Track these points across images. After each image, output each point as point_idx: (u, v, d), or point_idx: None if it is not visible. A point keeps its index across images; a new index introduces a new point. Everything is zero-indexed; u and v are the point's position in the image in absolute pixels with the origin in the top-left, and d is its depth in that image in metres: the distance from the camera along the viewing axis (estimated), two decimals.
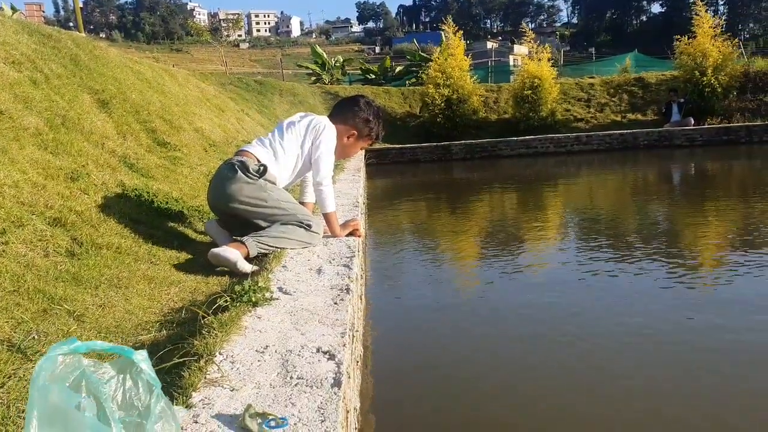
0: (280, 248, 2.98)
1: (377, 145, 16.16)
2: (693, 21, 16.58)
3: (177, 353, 1.68)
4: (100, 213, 3.01)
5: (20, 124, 3.55)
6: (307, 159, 3.36)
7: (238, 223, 3.18)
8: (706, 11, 16.57)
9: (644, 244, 5.46)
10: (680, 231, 6.33)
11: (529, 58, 17.43)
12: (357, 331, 2.41)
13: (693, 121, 15.29)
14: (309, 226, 3.10)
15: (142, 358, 1.11)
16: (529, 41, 17.60)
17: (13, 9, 14.84)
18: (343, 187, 5.99)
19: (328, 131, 3.32)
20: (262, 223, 3.09)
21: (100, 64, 6.05)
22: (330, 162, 3.29)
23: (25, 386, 1.49)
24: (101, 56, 6.35)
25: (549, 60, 17.10)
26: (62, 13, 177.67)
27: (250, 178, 3.07)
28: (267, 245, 2.96)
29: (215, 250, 2.81)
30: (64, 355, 1.03)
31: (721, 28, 16.58)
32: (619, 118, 17.10)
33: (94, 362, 1.11)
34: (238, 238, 2.96)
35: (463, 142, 15.75)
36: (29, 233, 2.42)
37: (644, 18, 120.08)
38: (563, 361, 2.94)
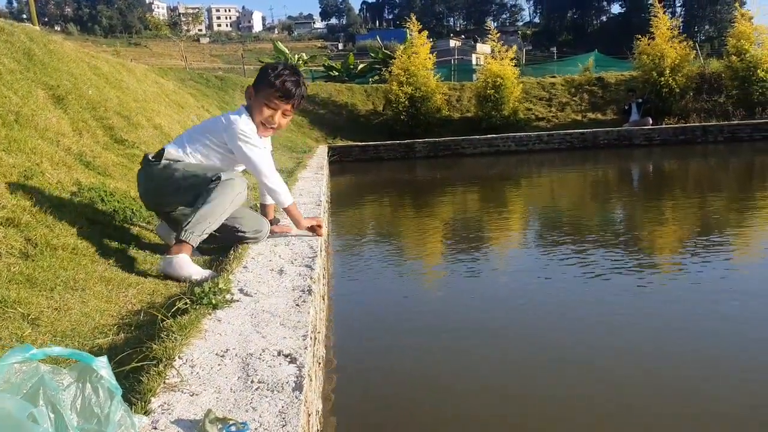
0: (218, 220, 2.85)
1: (340, 143, 16.14)
2: (651, 22, 16.93)
3: (136, 357, 1.65)
4: (56, 213, 2.93)
5: None
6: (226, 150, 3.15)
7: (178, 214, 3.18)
8: (663, 13, 16.93)
9: (603, 241, 5.55)
10: (638, 227, 6.46)
11: (493, 58, 17.58)
12: (319, 332, 2.40)
13: (651, 121, 15.63)
14: (218, 178, 2.87)
15: (102, 364, 1.09)
16: (493, 40, 17.73)
17: None
18: (305, 186, 5.95)
19: (232, 128, 3.05)
20: (189, 197, 2.96)
21: (55, 58, 5.90)
22: (258, 155, 3.07)
23: None
24: (56, 51, 6.20)
25: (512, 60, 17.27)
26: (15, 4, 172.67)
27: (152, 162, 3.04)
28: (203, 226, 2.78)
29: (162, 266, 2.74)
30: (20, 363, 1.00)
31: (679, 29, 16.97)
32: (579, 118, 17.38)
33: (53, 368, 1.08)
34: (177, 236, 2.85)
35: (426, 140, 15.83)
36: None
37: (604, 18, 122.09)
38: (522, 355, 2.98)
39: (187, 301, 2.06)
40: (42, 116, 4.30)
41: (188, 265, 2.69)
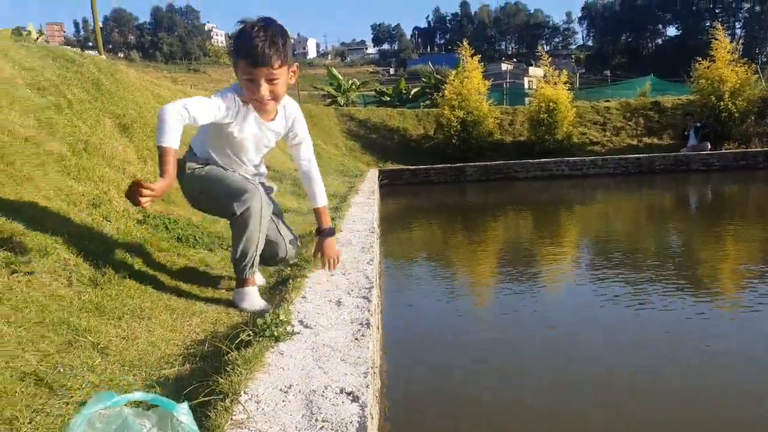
0: (259, 246, 2.75)
1: (390, 166, 16.24)
2: (711, 45, 16.57)
3: (202, 391, 1.68)
4: (122, 241, 3.03)
5: (44, 150, 3.59)
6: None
7: None
8: (724, 36, 16.56)
9: (661, 271, 5.40)
10: (697, 257, 6.27)
11: (546, 82, 17.46)
12: (376, 366, 2.40)
13: (710, 146, 15.22)
14: (234, 214, 2.69)
15: (183, 411, 1.12)
16: (546, 65, 17.63)
17: (40, 32, 15.07)
18: (358, 212, 5.99)
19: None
20: (219, 211, 2.91)
21: (121, 87, 6.12)
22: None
23: (53, 422, 1.49)
24: (122, 80, 6.43)
25: (565, 83, 17.12)
26: (82, 33, 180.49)
27: (179, 176, 2.74)
28: (250, 259, 2.71)
29: (234, 299, 2.79)
30: (105, 408, 1.03)
31: (739, 52, 16.55)
32: (635, 142, 17.06)
33: (136, 411, 1.11)
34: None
35: (477, 163, 15.76)
36: (53, 262, 2.43)
37: (659, 41, 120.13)
38: (581, 392, 2.91)
39: (250, 333, 2.09)
40: (109, 144, 4.46)
41: (255, 299, 2.74)
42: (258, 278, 3.02)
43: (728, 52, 16.28)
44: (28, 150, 3.43)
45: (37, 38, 12.63)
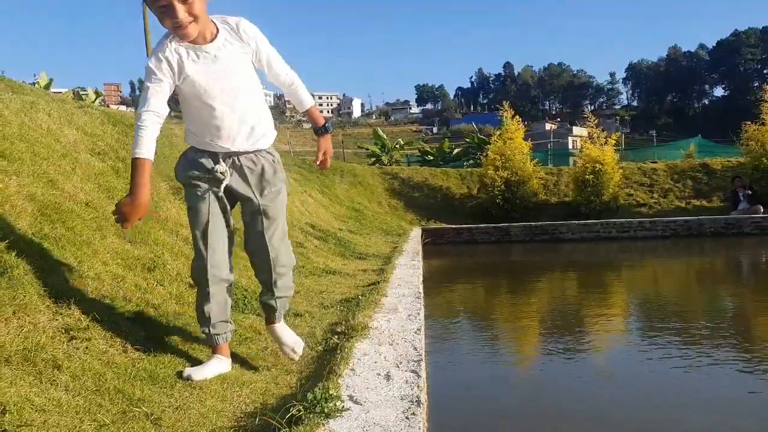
0: (203, 297, 2.60)
1: (433, 225, 16.25)
2: (759, 106, 16.37)
3: None
4: (176, 306, 3.09)
5: (103, 215, 3.72)
6: None
7: None
8: None
9: (713, 338, 5.21)
10: (751, 323, 6.06)
11: (591, 143, 17.39)
12: None
13: (762, 209, 14.83)
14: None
15: None
16: (592, 126, 17.60)
17: (97, 93, 15.78)
18: (403, 275, 5.98)
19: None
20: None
21: (175, 150, 6.33)
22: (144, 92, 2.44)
23: None
24: (176, 143, 6.66)
25: (614, 145, 17.04)
26: (137, 93, 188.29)
27: None
28: (200, 310, 2.60)
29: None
30: None
31: None
32: (683, 204, 16.75)
33: None
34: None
35: (522, 224, 15.65)
36: (109, 328, 2.49)
37: (706, 101, 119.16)
38: None
39: (300, 408, 2.08)
40: (163, 207, 4.59)
41: (206, 372, 2.53)
42: (223, 363, 2.67)
43: None
44: (87, 214, 3.56)
45: (95, 99, 13.16)
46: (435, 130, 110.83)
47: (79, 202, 3.63)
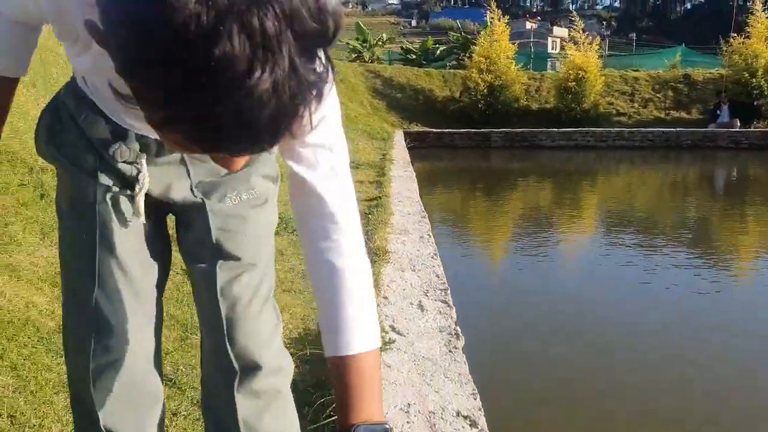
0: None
1: (416, 128, 16.26)
2: (746, 18, 16.29)
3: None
4: None
5: None
6: None
7: None
8: (761, 10, 16.24)
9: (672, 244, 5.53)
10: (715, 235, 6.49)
11: (576, 48, 17.23)
12: None
13: (739, 123, 15.09)
14: None
15: None
16: (578, 30, 17.39)
17: None
18: (400, 189, 6.02)
19: None
20: None
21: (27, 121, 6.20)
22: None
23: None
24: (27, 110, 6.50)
25: (597, 51, 16.93)
26: None
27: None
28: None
29: None
30: None
31: None
32: (662, 115, 16.92)
33: None
34: None
35: (502, 130, 15.75)
36: None
37: (688, 5, 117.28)
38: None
39: None
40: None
41: None
42: None
43: (766, 27, 15.98)
44: None
45: None
46: (414, 23, 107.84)
47: None
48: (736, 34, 16.41)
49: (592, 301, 4.38)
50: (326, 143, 0.90)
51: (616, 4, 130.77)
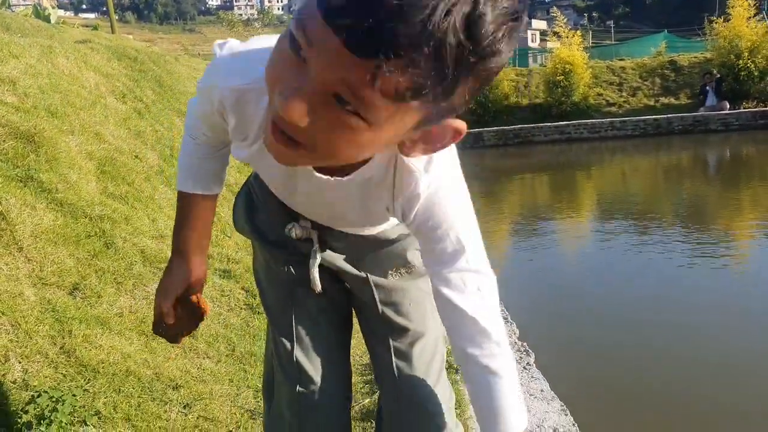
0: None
1: None
2: (727, 3, 16.47)
3: None
4: (238, 251, 3.24)
5: (147, 164, 3.78)
6: None
7: None
8: None
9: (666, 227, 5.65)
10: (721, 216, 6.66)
11: (561, 43, 17.41)
12: None
13: (728, 105, 15.25)
14: None
15: None
16: (561, 25, 17.56)
17: (52, 6, 14.73)
18: None
19: None
20: None
21: (175, 80, 6.26)
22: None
23: None
24: (173, 71, 6.56)
25: (580, 44, 17.11)
26: None
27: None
28: None
29: None
30: None
31: (758, 8, 16.42)
32: (652, 103, 17.09)
33: None
34: None
35: (495, 128, 15.87)
36: (209, 288, 2.65)
37: None
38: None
39: None
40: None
41: None
42: None
43: (744, 8, 16.16)
44: (136, 165, 3.62)
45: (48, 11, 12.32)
46: None
47: (125, 153, 3.67)
48: (717, 17, 16.60)
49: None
50: (473, 268, 0.97)
51: None
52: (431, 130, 0.74)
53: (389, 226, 1.18)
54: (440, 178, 0.92)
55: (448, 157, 0.94)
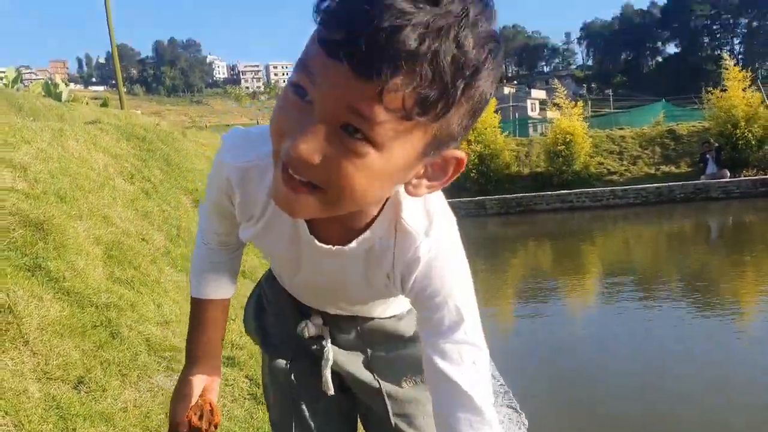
0: None
1: None
2: (719, 69, 16.87)
3: None
4: (242, 336, 3.25)
5: (154, 246, 3.82)
6: None
7: None
8: (735, 65, 16.85)
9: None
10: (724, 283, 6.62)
11: (561, 113, 17.78)
12: None
13: (728, 174, 15.40)
14: None
15: None
16: (561, 96, 17.95)
17: (18, 72, 12.75)
18: None
19: None
20: None
21: (182, 157, 6.38)
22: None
23: None
24: (180, 148, 6.70)
25: (580, 114, 17.46)
26: (84, 68, 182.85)
27: None
28: None
29: None
30: None
31: (753, 80, 16.78)
32: (653, 171, 17.28)
33: None
34: None
35: (497, 197, 16.02)
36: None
37: (659, 59, 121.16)
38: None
39: None
40: (193, 223, 4.70)
41: None
42: None
43: (739, 80, 16.52)
44: (142, 248, 3.66)
45: (15, 80, 11.89)
46: None
47: (132, 235, 3.72)
48: (713, 88, 16.98)
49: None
50: (470, 340, 0.93)
51: (590, 63, 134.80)
52: (434, 164, 0.78)
53: (397, 311, 1.18)
54: (440, 241, 0.93)
55: (447, 218, 0.96)
